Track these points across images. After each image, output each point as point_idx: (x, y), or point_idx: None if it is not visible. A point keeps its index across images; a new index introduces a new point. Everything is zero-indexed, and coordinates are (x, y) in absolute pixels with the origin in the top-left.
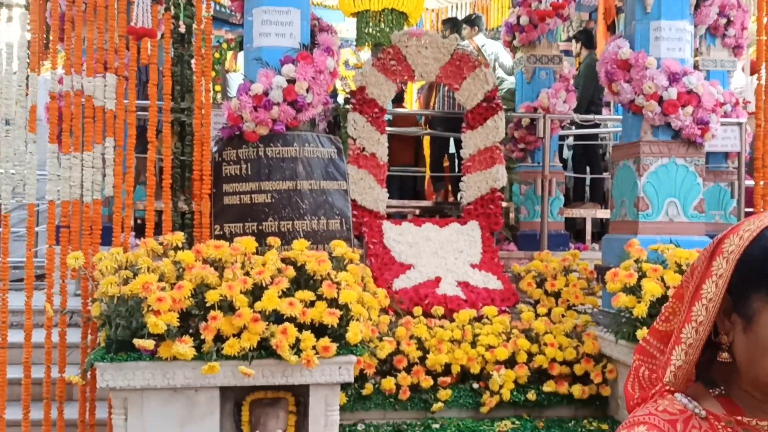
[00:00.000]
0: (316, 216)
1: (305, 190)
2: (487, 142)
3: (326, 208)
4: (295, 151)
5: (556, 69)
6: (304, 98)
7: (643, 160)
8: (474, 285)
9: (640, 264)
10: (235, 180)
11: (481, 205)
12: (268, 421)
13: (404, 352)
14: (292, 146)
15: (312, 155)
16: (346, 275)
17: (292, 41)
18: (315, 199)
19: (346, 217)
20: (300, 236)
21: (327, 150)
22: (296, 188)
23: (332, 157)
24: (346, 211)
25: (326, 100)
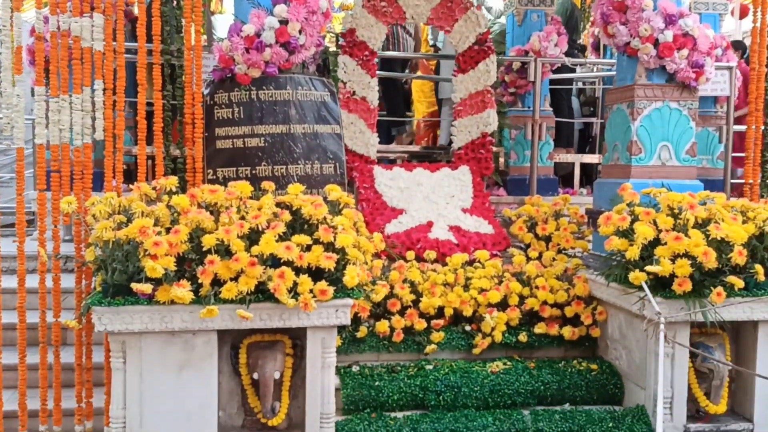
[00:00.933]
0: (310, 160)
1: (298, 134)
2: (478, 86)
3: (320, 152)
4: (288, 94)
5: (548, 11)
6: (296, 40)
7: (637, 103)
8: (466, 229)
9: (632, 208)
10: (227, 124)
11: (472, 149)
12: (266, 364)
13: (398, 296)
14: (284, 89)
15: (305, 98)
16: (342, 219)
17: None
18: (308, 143)
19: (340, 161)
20: (294, 181)
21: (320, 93)
22: (289, 132)
23: (325, 101)
24: (340, 155)
25: (319, 41)
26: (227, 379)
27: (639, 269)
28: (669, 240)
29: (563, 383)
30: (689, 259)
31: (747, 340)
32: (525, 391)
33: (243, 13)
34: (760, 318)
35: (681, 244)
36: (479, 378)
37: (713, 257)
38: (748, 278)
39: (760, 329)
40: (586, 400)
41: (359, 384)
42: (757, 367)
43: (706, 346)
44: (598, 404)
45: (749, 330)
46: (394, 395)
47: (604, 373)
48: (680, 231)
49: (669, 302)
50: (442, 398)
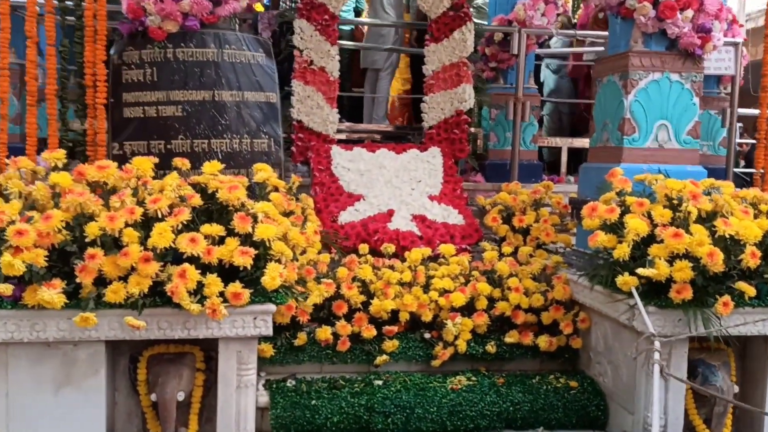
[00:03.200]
0: (239, 134)
1: (225, 102)
2: (452, 57)
3: (251, 124)
4: (213, 53)
5: None
6: None
7: (632, 74)
8: (432, 219)
9: (623, 197)
10: (137, 88)
11: (444, 129)
12: (167, 382)
13: (345, 297)
14: (208, 47)
15: (234, 59)
16: (264, 206)
17: None
18: (237, 114)
19: (275, 137)
20: (218, 158)
21: (253, 53)
22: (214, 99)
23: (260, 63)
24: (276, 129)
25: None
26: (125, 399)
27: (629, 272)
28: (666, 237)
29: (536, 403)
30: (690, 261)
31: (757, 357)
32: (491, 413)
33: None
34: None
35: (681, 243)
36: (437, 396)
37: (720, 259)
38: (760, 285)
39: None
40: (564, 424)
41: (292, 403)
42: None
43: (708, 365)
44: (578, 429)
45: (759, 345)
46: (334, 417)
47: (586, 391)
48: (680, 226)
49: (664, 313)
50: (391, 421)
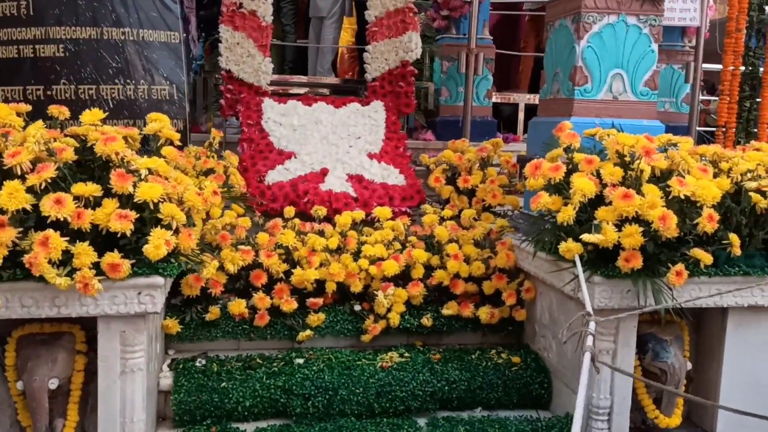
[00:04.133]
0: (133, 79)
1: (117, 41)
2: (397, 2)
3: (149, 68)
4: None
5: None
6: None
7: (585, 17)
8: (369, 179)
9: (571, 154)
10: (10, 23)
11: (389, 81)
12: (36, 368)
13: (264, 266)
14: None
15: None
16: (150, 162)
17: None
18: (132, 55)
19: (178, 83)
20: (109, 107)
21: None
22: (102, 37)
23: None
24: (180, 74)
25: None
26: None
27: (573, 237)
28: (615, 198)
29: (474, 382)
30: (641, 225)
31: (711, 330)
32: (424, 393)
33: None
34: (731, 304)
35: (631, 204)
36: (364, 376)
37: (674, 223)
38: (718, 251)
39: (729, 318)
40: (504, 404)
41: (198, 385)
42: (723, 364)
43: (659, 340)
44: (519, 408)
45: (715, 318)
46: (246, 400)
47: (529, 368)
48: (632, 186)
49: (611, 283)
50: (311, 404)
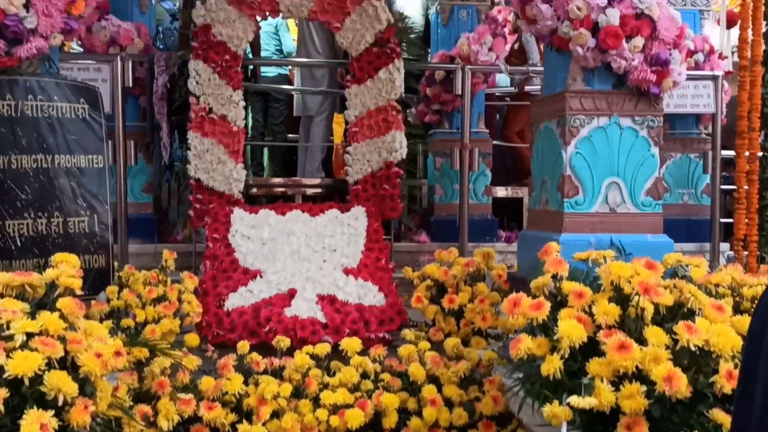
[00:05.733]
0: (45, 212)
1: (26, 170)
2: (379, 101)
3: (66, 198)
4: (10, 107)
5: (480, 8)
6: (19, 21)
7: (571, 119)
8: (343, 300)
9: (559, 283)
10: None
11: (372, 184)
12: None
13: (204, 420)
14: (3, 99)
15: (41, 113)
16: (31, 325)
17: None
18: (45, 184)
19: (99, 212)
20: (15, 245)
21: (72, 105)
22: (9, 167)
23: (81, 116)
24: (103, 203)
25: (70, 26)
26: None
27: (559, 395)
28: (610, 349)
29: None
30: (645, 383)
31: None
32: None
33: None
34: None
35: (629, 358)
36: None
37: (683, 384)
38: None
39: None
40: None
41: None
42: None
43: None
44: None
45: None
46: None
47: None
48: (631, 328)
49: None
50: None
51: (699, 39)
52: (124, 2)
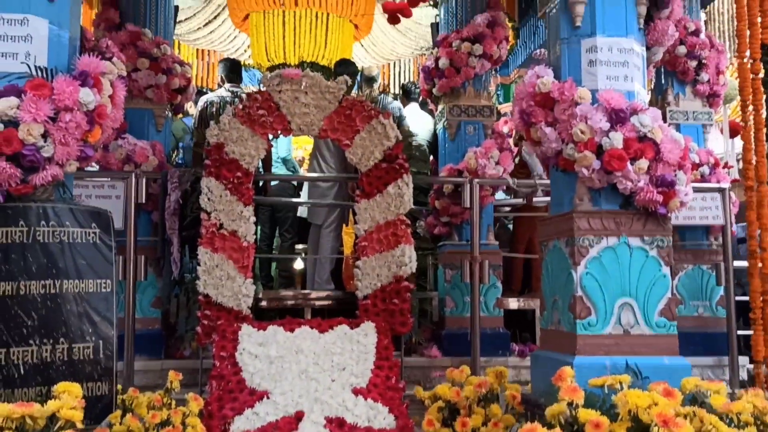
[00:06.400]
0: (51, 338)
1: (34, 296)
2: (388, 215)
3: (72, 324)
4: (22, 233)
5: (486, 123)
6: (36, 150)
7: (579, 240)
8: (352, 423)
9: (574, 411)
10: None
11: (381, 299)
12: None
13: None
14: (16, 226)
15: (52, 239)
16: None
17: (27, 64)
18: (51, 310)
19: (105, 337)
20: (18, 373)
21: (84, 230)
22: (18, 293)
23: (92, 241)
24: (109, 327)
25: (86, 153)
26: None
27: None
28: None
29: None
30: None
31: None
32: None
33: None
34: None
35: None
36: None
37: None
38: None
39: None
40: None
41: None
42: None
43: None
44: None
45: None
46: None
47: None
48: None
49: None
50: None
51: (703, 152)
52: (140, 120)
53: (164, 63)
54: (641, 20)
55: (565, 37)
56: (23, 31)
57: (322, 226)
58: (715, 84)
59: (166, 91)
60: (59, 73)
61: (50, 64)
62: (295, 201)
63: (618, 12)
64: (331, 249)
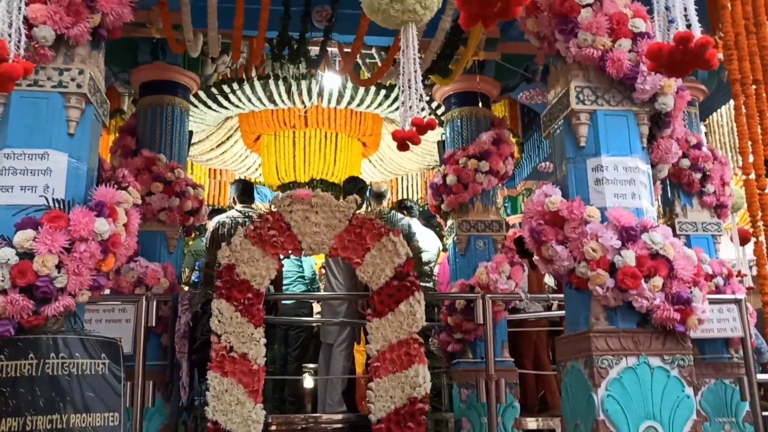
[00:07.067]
0: None
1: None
2: (401, 334)
3: None
4: (31, 366)
5: (496, 237)
6: (50, 281)
7: (598, 360)
8: None
9: None
10: None
11: (396, 422)
12: None
13: None
14: (26, 359)
15: (61, 372)
16: None
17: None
18: None
19: None
20: None
21: (92, 361)
22: (24, 428)
23: (102, 372)
24: None
25: (98, 282)
26: None
27: None
28: None
29: None
30: None
31: None
32: None
33: None
34: None
35: None
36: None
37: None
38: None
39: None
40: None
41: None
42: None
43: None
44: None
45: None
46: None
47: None
48: None
49: None
50: None
51: (716, 263)
52: (152, 242)
53: (177, 186)
54: (644, 139)
55: (571, 156)
56: (43, 165)
57: (334, 344)
58: (722, 195)
59: (178, 214)
60: (76, 204)
61: (68, 195)
62: (305, 320)
63: (621, 132)
64: (343, 368)
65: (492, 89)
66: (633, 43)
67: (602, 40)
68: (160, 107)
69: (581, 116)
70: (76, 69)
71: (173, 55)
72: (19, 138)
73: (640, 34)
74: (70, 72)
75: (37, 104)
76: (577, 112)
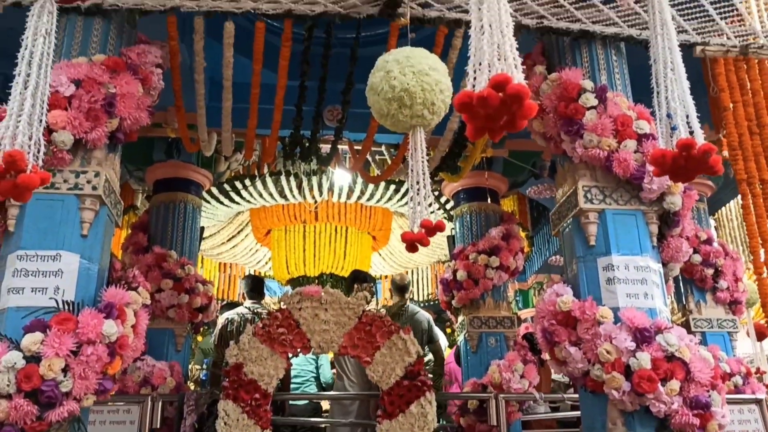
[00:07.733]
0: None
1: None
2: None
3: None
4: None
5: (508, 334)
6: (55, 386)
7: None
8: None
9: None
10: None
11: None
12: None
13: None
14: None
15: None
16: None
17: (55, 299)
18: None
19: None
20: None
21: None
22: None
23: None
24: None
25: (104, 386)
26: None
27: None
28: None
29: None
30: None
31: None
32: None
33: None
34: None
35: None
36: None
37: None
38: None
39: None
40: None
41: None
42: None
43: None
44: None
45: None
46: None
47: None
48: None
49: None
50: None
51: (734, 361)
52: (161, 340)
53: (187, 283)
54: (654, 238)
55: (581, 255)
56: (55, 266)
57: None
58: (735, 291)
59: (187, 311)
60: (86, 305)
61: (78, 297)
62: (314, 420)
63: (630, 231)
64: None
65: (500, 185)
66: (638, 143)
67: (608, 141)
68: (173, 204)
69: (590, 215)
70: (92, 172)
71: (187, 153)
72: (33, 240)
73: (644, 135)
74: (86, 174)
75: (53, 206)
76: (586, 212)
